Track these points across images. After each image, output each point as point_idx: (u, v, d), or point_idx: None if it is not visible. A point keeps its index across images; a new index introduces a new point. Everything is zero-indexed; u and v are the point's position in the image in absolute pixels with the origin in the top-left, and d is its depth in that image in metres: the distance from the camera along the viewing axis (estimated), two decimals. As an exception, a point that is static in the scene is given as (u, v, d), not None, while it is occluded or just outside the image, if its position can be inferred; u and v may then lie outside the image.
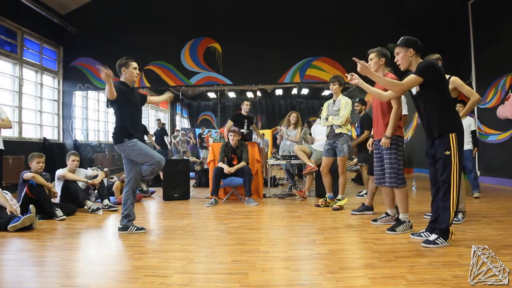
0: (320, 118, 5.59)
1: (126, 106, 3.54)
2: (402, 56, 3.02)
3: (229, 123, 6.33)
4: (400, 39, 3.05)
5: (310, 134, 6.62)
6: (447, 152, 2.84)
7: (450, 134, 2.85)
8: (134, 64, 3.66)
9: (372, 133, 3.84)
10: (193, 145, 12.93)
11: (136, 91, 3.81)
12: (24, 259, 2.84)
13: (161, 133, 8.39)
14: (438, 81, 2.90)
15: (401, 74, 3.37)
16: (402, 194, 3.44)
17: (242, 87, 13.86)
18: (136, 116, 3.67)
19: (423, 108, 3.00)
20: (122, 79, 3.64)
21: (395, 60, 3.11)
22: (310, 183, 5.63)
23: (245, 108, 6.40)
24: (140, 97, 3.83)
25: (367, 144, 4.10)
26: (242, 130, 6.11)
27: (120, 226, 3.62)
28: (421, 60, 3.02)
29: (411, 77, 2.91)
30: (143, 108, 4.00)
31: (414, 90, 3.04)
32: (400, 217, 3.44)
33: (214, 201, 5.23)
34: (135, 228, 3.62)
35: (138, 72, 3.73)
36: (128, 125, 3.52)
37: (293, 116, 6.41)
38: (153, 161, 3.52)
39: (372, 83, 3.42)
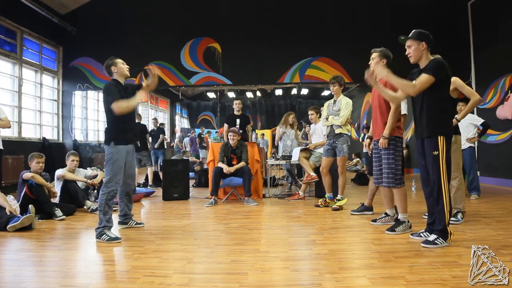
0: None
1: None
2: (415, 49, 2.96)
3: (225, 126, 6.35)
4: (412, 31, 2.99)
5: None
6: (435, 152, 2.86)
7: (439, 137, 2.86)
8: (121, 60, 3.55)
9: (370, 133, 3.84)
10: (194, 145, 12.94)
11: (129, 88, 3.63)
12: (23, 259, 2.84)
13: (157, 132, 8.38)
14: (443, 82, 2.89)
15: (404, 72, 3.37)
16: (400, 194, 3.44)
17: (241, 87, 13.90)
18: (129, 116, 3.55)
19: (419, 105, 3.00)
20: (114, 77, 3.53)
21: (406, 53, 3.03)
22: (308, 184, 5.62)
23: (235, 107, 6.38)
24: (133, 91, 3.62)
25: (365, 145, 4.10)
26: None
27: (119, 221, 3.76)
28: (431, 56, 2.98)
29: (424, 77, 2.84)
30: (143, 108, 3.97)
31: None
32: (399, 217, 3.44)
33: (214, 201, 5.22)
34: (134, 222, 3.79)
35: (128, 66, 3.60)
36: (119, 127, 3.42)
37: (292, 117, 6.42)
38: (112, 178, 3.33)
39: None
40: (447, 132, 2.91)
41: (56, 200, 4.71)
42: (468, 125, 5.09)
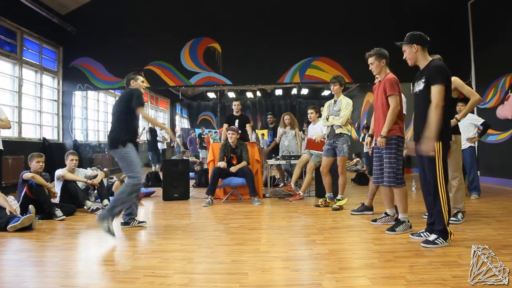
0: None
1: (132, 115, 3.75)
2: (408, 52, 3.01)
3: (224, 126, 6.36)
4: (406, 35, 3.02)
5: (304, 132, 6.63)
6: (432, 153, 2.86)
7: (435, 142, 2.85)
8: (142, 78, 3.97)
9: (372, 131, 3.85)
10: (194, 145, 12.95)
11: None
12: (23, 259, 2.84)
13: (151, 134, 8.43)
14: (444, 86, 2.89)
15: (405, 72, 3.39)
16: (401, 194, 3.44)
17: (242, 87, 13.88)
18: (136, 123, 3.87)
19: (419, 108, 3.02)
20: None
21: (403, 57, 3.07)
22: (308, 184, 5.60)
23: (234, 108, 6.39)
24: None
25: (365, 142, 4.09)
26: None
27: (122, 221, 3.81)
28: (429, 56, 2.99)
29: (435, 90, 2.80)
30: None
31: (416, 88, 3.04)
32: (399, 217, 3.44)
33: (210, 200, 5.22)
34: (137, 222, 3.84)
35: (145, 85, 3.96)
36: (127, 132, 3.67)
37: (286, 118, 6.48)
38: (136, 174, 3.54)
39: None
40: (444, 138, 2.90)
41: (56, 200, 4.71)
42: (469, 125, 5.09)
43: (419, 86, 2.99)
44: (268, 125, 7.66)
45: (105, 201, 4.97)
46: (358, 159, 11.34)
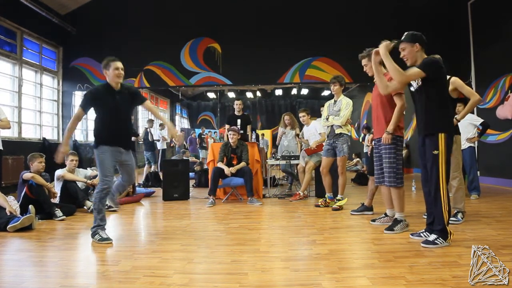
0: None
1: (102, 111, 3.36)
2: (409, 51, 2.99)
3: (226, 126, 6.38)
4: (405, 34, 3.02)
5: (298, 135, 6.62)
6: (435, 151, 2.86)
7: (440, 134, 2.86)
8: (115, 65, 3.30)
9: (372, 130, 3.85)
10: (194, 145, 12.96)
11: (124, 94, 3.41)
12: (23, 259, 2.84)
13: (146, 135, 8.48)
14: (438, 80, 2.91)
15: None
16: (398, 193, 3.44)
17: (241, 87, 13.88)
18: (116, 120, 3.37)
19: (419, 104, 3.02)
20: (107, 80, 3.38)
21: (401, 56, 3.06)
22: (307, 184, 5.61)
23: (236, 108, 6.43)
24: (131, 98, 3.49)
25: (367, 139, 4.08)
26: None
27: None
28: (426, 56, 3.01)
29: (414, 69, 2.87)
30: (143, 108, 3.88)
31: (414, 85, 3.04)
32: (396, 216, 3.45)
33: (213, 201, 5.22)
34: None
35: (121, 72, 3.34)
36: (99, 133, 3.37)
37: (286, 118, 6.50)
38: (103, 178, 3.31)
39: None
40: (448, 129, 2.90)
41: (56, 200, 4.71)
42: (468, 125, 5.09)
43: (418, 83, 2.99)
44: None
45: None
46: (358, 159, 11.35)
